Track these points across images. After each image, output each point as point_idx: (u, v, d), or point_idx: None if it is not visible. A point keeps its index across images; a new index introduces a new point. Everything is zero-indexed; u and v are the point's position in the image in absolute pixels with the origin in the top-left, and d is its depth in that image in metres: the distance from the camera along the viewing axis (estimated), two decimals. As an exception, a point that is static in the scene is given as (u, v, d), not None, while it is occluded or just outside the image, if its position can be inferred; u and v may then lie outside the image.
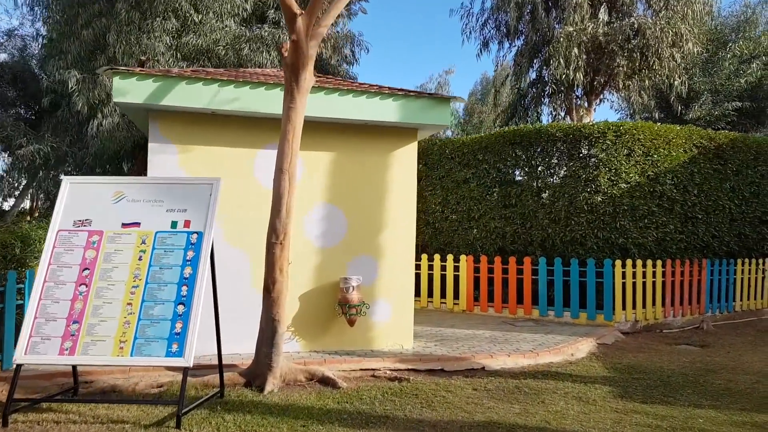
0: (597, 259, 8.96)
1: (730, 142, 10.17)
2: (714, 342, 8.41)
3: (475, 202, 9.84)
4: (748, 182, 10.27)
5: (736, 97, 16.97)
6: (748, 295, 10.42)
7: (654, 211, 9.26)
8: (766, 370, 6.65)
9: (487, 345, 7.22)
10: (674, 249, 9.47)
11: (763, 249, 10.60)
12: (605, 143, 9.10)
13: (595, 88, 13.37)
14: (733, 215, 10.13)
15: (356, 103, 6.40)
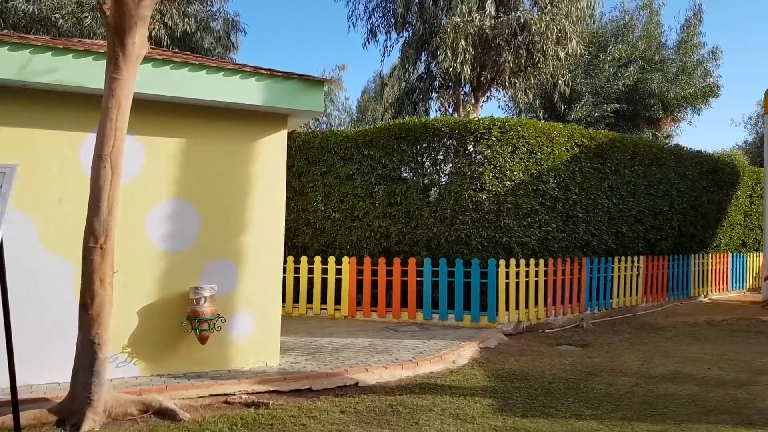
0: (482, 259, 8.66)
1: (610, 141, 10.32)
2: (593, 341, 8.38)
3: (359, 200, 9.22)
4: (625, 181, 10.49)
5: (615, 99, 17.83)
6: (624, 292, 10.66)
7: (537, 210, 9.13)
8: (643, 370, 6.57)
9: (364, 356, 6.58)
10: (556, 248, 9.41)
11: (637, 247, 10.90)
12: (490, 139, 8.81)
13: (482, 83, 13.28)
14: (611, 214, 10.29)
15: (211, 81, 5.49)
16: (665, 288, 11.66)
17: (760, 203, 14.17)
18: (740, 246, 14.01)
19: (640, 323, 9.84)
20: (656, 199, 11.11)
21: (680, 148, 11.95)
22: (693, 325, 9.62)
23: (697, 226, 12.25)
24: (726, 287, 13.47)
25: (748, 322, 9.82)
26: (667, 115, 18.74)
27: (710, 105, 19.19)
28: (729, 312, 10.98)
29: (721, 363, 6.89)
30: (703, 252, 12.75)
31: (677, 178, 11.56)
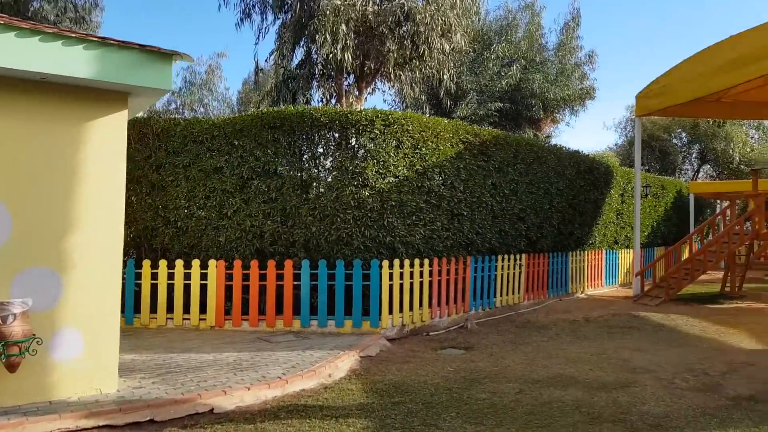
0: (364, 260, 8.08)
1: (494, 139, 10.18)
2: (477, 343, 8.10)
3: (228, 196, 8.27)
4: (508, 180, 10.41)
5: (499, 98, 18.15)
6: (507, 291, 10.59)
7: (422, 208, 8.72)
8: (527, 374, 6.30)
9: (226, 375, 5.73)
10: (441, 247, 9.07)
11: (520, 245, 10.89)
12: (373, 132, 8.26)
13: (366, 74, 12.73)
14: (495, 212, 10.16)
15: (23, 45, 4.38)
16: (545, 285, 11.81)
17: (630, 202, 14.92)
18: (613, 243, 14.66)
19: (522, 322, 9.77)
20: (537, 197, 11.18)
21: (560, 148, 12.18)
22: (572, 322, 9.69)
23: (575, 224, 12.56)
24: (600, 283, 14.01)
25: (622, 317, 10.08)
26: (547, 115, 19.45)
27: (587, 107, 20.25)
28: (605, 308, 11.29)
29: (602, 363, 6.81)
30: (580, 249, 13.12)
31: (557, 177, 11.74)
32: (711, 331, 8.85)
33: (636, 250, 13.50)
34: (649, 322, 9.65)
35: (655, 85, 12.63)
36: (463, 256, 9.47)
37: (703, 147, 23.06)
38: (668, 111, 13.39)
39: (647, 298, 12.11)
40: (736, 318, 9.94)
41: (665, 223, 17.60)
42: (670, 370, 6.45)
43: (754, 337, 8.40)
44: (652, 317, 10.04)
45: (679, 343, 8.03)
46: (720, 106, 13.75)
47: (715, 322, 9.52)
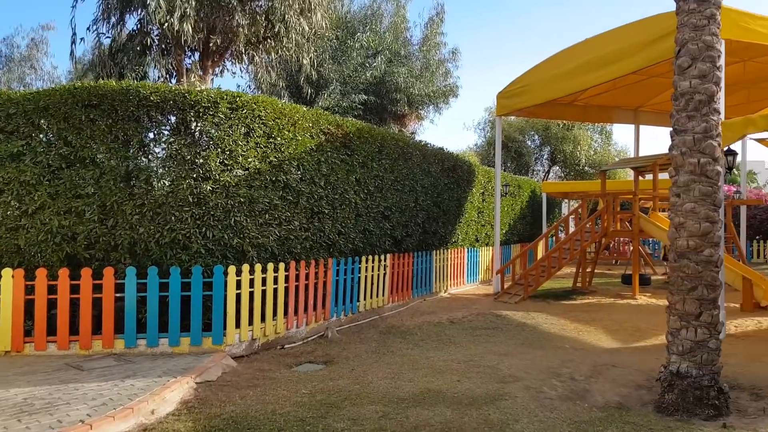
0: (206, 266, 6.89)
1: (357, 131, 9.44)
2: (338, 354, 7.28)
3: (30, 190, 6.64)
4: (373, 176, 9.74)
5: (363, 90, 17.55)
6: (371, 294, 9.93)
7: (277, 205, 7.72)
8: (392, 391, 5.59)
9: (3, 423, 4.31)
10: (299, 249, 8.13)
11: (385, 245, 10.28)
12: (218, 116, 7.09)
13: (212, 51, 11.30)
14: (359, 210, 9.43)
15: None
16: (410, 286, 11.35)
17: (491, 201, 15.07)
18: (474, 241, 14.69)
19: (387, 327, 9.14)
20: (403, 195, 10.66)
21: (425, 144, 11.79)
22: (437, 324, 9.25)
23: (439, 222, 12.27)
24: (462, 281, 13.92)
25: (486, 317, 9.85)
26: (412, 111, 19.29)
27: (450, 104, 20.38)
28: (468, 307, 11.07)
29: (470, 371, 6.31)
30: (444, 248, 12.89)
31: (422, 174, 11.33)
32: (570, 329, 8.85)
33: (496, 248, 13.59)
34: (511, 321, 9.50)
35: (515, 86, 12.74)
36: (324, 259, 8.61)
37: (553, 149, 24.54)
38: (527, 111, 13.64)
39: (507, 295, 12.15)
40: (590, 314, 10.15)
41: (521, 221, 18.19)
42: (538, 376, 6.11)
43: (610, 334, 8.50)
44: (514, 316, 9.93)
45: (542, 343, 7.85)
46: (573, 109, 14.31)
47: (572, 319, 9.61)
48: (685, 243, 5.10)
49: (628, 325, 9.13)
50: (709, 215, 5.06)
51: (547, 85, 11.75)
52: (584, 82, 10.84)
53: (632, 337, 8.28)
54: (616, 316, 9.88)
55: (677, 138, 5.27)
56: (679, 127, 5.28)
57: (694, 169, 5.12)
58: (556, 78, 11.46)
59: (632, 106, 14.70)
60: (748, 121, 7.41)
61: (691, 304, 5.03)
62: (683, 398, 4.93)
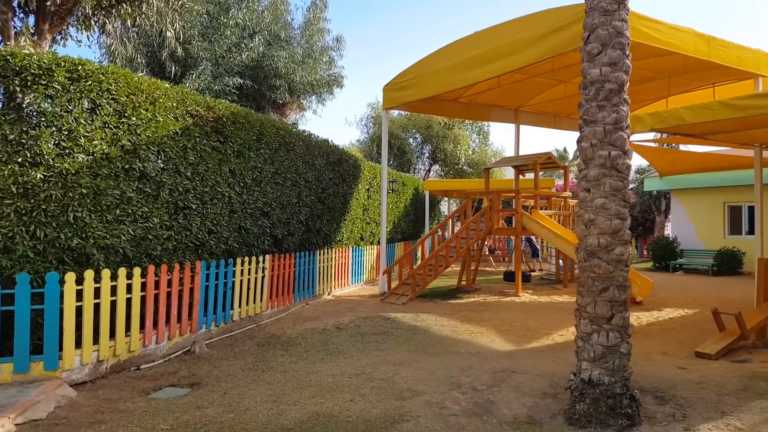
0: (36, 274, 5.49)
1: (232, 115, 8.32)
2: (208, 374, 6.20)
3: None
4: (250, 167, 8.67)
5: (238, 74, 16.09)
6: (247, 300, 8.86)
7: (132, 199, 6.44)
8: (275, 419, 4.69)
9: None
10: (160, 250, 6.89)
11: (263, 245, 9.25)
12: (53, 87, 5.69)
13: (50, 12, 9.40)
14: (234, 206, 8.33)
15: None
16: (291, 289, 10.40)
17: (376, 198, 14.50)
18: (359, 240, 14.03)
19: (266, 337, 8.14)
20: (284, 189, 9.69)
21: (309, 135, 10.89)
22: (323, 332, 8.41)
23: (323, 219, 11.43)
24: (347, 282, 13.20)
25: (374, 321, 9.19)
26: (293, 100, 18.16)
27: (334, 95, 19.51)
28: (354, 310, 10.35)
29: (363, 387, 5.55)
30: (328, 247, 12.08)
31: (306, 168, 10.42)
32: (462, 331, 8.45)
33: (382, 247, 13.04)
34: (401, 324, 8.91)
35: (403, 78, 12.26)
36: (191, 262, 7.43)
37: (434, 147, 24.71)
38: (413, 106, 13.23)
39: (394, 296, 11.61)
40: (479, 314, 9.87)
41: (405, 219, 17.88)
42: (438, 388, 5.51)
43: (501, 334, 8.20)
44: (403, 318, 9.37)
45: (436, 349, 7.31)
46: (458, 106, 14.16)
47: (463, 320, 9.25)
48: (596, 241, 4.73)
49: (518, 324, 8.93)
50: (620, 211, 4.73)
51: (436, 78, 11.37)
52: (474, 76, 10.57)
53: (524, 337, 8.03)
54: (504, 315, 9.69)
55: (587, 129, 4.90)
56: (588, 118, 4.91)
57: (604, 163, 4.76)
58: (445, 71, 11.11)
59: (513, 105, 14.89)
60: (635, 119, 7.42)
61: (602, 307, 4.67)
62: (596, 408, 4.55)
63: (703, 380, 5.58)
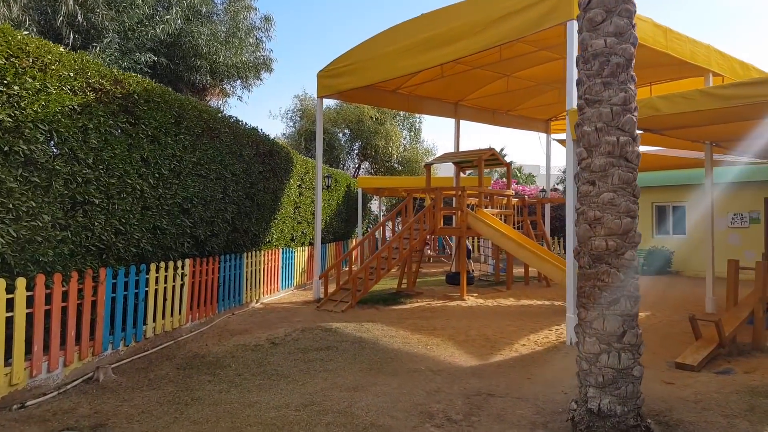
0: None
1: (145, 93, 6.97)
2: (116, 411, 4.92)
3: None
4: (167, 155, 7.34)
5: (151, 50, 14.20)
6: (163, 313, 7.53)
7: (13, 190, 5.03)
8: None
9: None
10: (52, 256, 5.49)
11: (183, 247, 7.93)
12: None
13: None
14: (147, 201, 6.99)
15: None
16: (216, 298, 9.12)
17: (308, 194, 13.36)
18: (290, 241, 12.83)
19: (188, 356, 6.86)
20: (208, 183, 8.41)
21: (237, 122, 9.62)
22: (256, 348, 7.24)
23: (252, 218, 10.19)
24: (277, 287, 11.98)
25: (314, 333, 8.11)
26: (216, 83, 16.46)
27: (263, 80, 17.93)
28: (289, 320, 9.22)
29: (317, 426, 4.50)
30: (257, 249, 10.83)
31: (233, 159, 9.16)
32: (415, 343, 7.55)
33: (317, 249, 11.94)
34: (345, 336, 7.90)
35: (341, 63, 11.22)
36: (93, 269, 6.04)
37: (364, 143, 23.75)
38: (351, 95, 12.22)
39: (332, 302, 10.56)
40: (428, 321, 9.04)
41: (337, 218, 16.82)
42: (408, 421, 4.56)
43: (460, 346, 7.37)
44: (346, 329, 8.36)
45: (393, 367, 6.35)
46: (398, 98, 13.29)
47: (412, 329, 8.38)
48: (604, 243, 3.95)
49: (474, 333, 8.16)
50: (629, 208, 3.99)
51: (377, 64, 10.42)
52: (420, 62, 9.70)
53: (485, 349, 7.25)
54: (456, 323, 8.90)
55: (590, 110, 4.12)
56: (591, 97, 4.13)
57: (612, 150, 4.00)
58: (388, 57, 10.18)
59: (453, 99, 14.24)
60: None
61: (612, 322, 3.90)
62: (608, 445, 3.76)
63: (700, 399, 4.98)
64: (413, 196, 12.65)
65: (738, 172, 14.67)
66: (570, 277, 7.37)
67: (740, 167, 14.31)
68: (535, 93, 14.05)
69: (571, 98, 7.30)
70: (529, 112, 15.44)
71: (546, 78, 12.85)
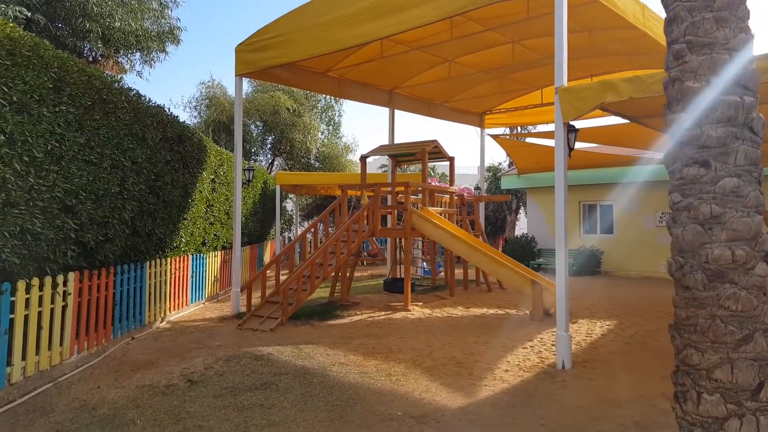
0: None
1: (9, 42, 4.98)
2: None
3: None
4: (42, 131, 5.36)
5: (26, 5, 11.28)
6: (37, 347, 5.55)
7: None
8: None
9: None
10: None
11: (65, 257, 5.94)
12: None
13: None
14: (12, 195, 5.02)
15: None
16: (110, 320, 7.16)
17: (222, 191, 11.44)
18: (201, 245, 10.86)
19: (72, 407, 4.98)
20: (101, 172, 6.45)
21: (139, 96, 7.65)
22: (168, 391, 5.45)
23: (157, 218, 8.24)
24: (186, 301, 10.01)
25: (242, 363, 6.43)
26: (111, 54, 13.77)
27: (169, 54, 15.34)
28: (206, 345, 7.43)
29: None
30: (162, 256, 8.87)
31: (134, 142, 7.21)
32: (373, 372, 6.09)
33: (236, 254, 10.13)
34: (284, 367, 6.29)
35: (265, 35, 9.50)
36: None
37: (279, 137, 21.73)
38: (275, 74, 10.50)
39: (257, 320, 8.82)
40: (379, 341, 7.61)
41: (253, 218, 14.92)
42: None
43: (430, 375, 6.01)
44: (283, 356, 6.75)
45: (360, 414, 4.85)
46: (328, 81, 11.71)
47: (364, 353, 6.93)
48: (728, 253, 2.74)
49: (439, 354, 6.84)
50: (759, 201, 2.79)
51: (310, 36, 8.84)
52: (361, 35, 8.27)
53: (462, 377, 5.94)
54: (412, 342, 7.55)
55: (695, 58, 2.92)
56: (698, 38, 2.94)
57: (735, 116, 2.79)
58: (322, 28, 8.65)
59: (388, 86, 12.90)
60: (606, 86, 5.78)
61: (745, 371, 2.68)
62: None
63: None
64: (347, 195, 11.14)
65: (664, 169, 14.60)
66: (561, 288, 6.26)
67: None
68: (474, 83, 13.06)
69: (561, 72, 6.19)
70: (465, 104, 14.47)
71: (487, 65, 11.88)
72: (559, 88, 6.18)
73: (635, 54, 10.05)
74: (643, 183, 15.07)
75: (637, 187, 15.36)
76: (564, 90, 6.13)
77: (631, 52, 10.12)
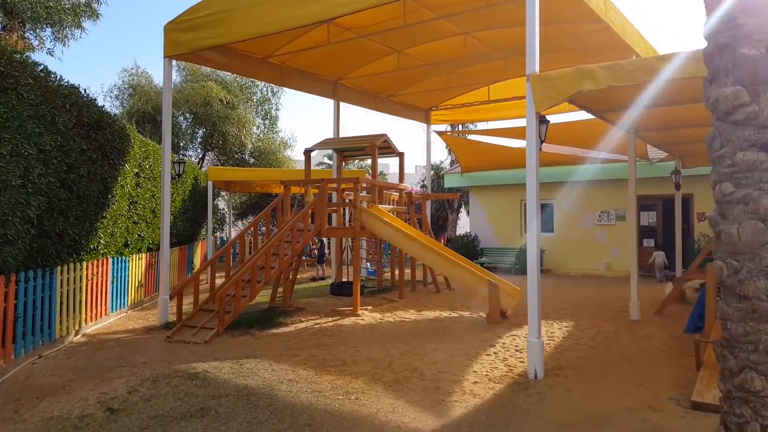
0: None
1: None
2: None
3: None
4: None
5: None
6: None
7: None
8: None
9: None
10: None
11: (8, 265, 4.84)
12: None
13: None
14: None
15: None
16: (10, 336, 6.06)
17: (148, 187, 10.30)
18: (122, 246, 9.69)
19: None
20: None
21: (48, 73, 6.54)
22: (81, 424, 4.52)
23: (70, 216, 7.12)
24: (105, 310, 8.87)
25: (173, 384, 5.54)
26: (15, 28, 12.08)
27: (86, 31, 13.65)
28: (130, 362, 6.45)
29: None
30: (77, 259, 7.74)
31: (41, 127, 6.12)
32: (329, 391, 5.36)
33: (164, 256, 9.09)
34: (223, 387, 5.45)
35: (198, 12, 8.54)
36: None
37: (211, 131, 20.30)
38: (209, 57, 9.49)
39: (189, 330, 7.86)
40: (330, 351, 6.88)
41: (182, 217, 13.73)
42: None
43: (393, 391, 5.35)
44: (221, 373, 5.90)
45: (318, 443, 4.12)
46: (269, 68, 10.80)
47: (315, 366, 6.18)
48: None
49: (399, 365, 6.20)
50: (833, 191, 2.30)
51: (249, 14, 7.99)
52: (305, 15, 7.52)
53: (428, 392, 5.31)
54: (367, 352, 6.86)
55: (752, 21, 2.36)
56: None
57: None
58: (263, 5, 7.83)
59: (333, 76, 12.12)
60: (583, 73, 5.31)
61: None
62: None
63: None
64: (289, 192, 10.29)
65: (603, 169, 14.65)
66: (533, 293, 5.76)
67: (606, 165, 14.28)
68: (422, 76, 12.54)
69: (533, 58, 5.69)
70: (413, 98, 13.91)
71: (437, 58, 11.37)
72: (531, 75, 5.67)
73: (588, 51, 9.80)
74: (583, 182, 15.13)
75: (577, 186, 15.41)
76: (536, 78, 5.62)
77: (584, 49, 9.87)
